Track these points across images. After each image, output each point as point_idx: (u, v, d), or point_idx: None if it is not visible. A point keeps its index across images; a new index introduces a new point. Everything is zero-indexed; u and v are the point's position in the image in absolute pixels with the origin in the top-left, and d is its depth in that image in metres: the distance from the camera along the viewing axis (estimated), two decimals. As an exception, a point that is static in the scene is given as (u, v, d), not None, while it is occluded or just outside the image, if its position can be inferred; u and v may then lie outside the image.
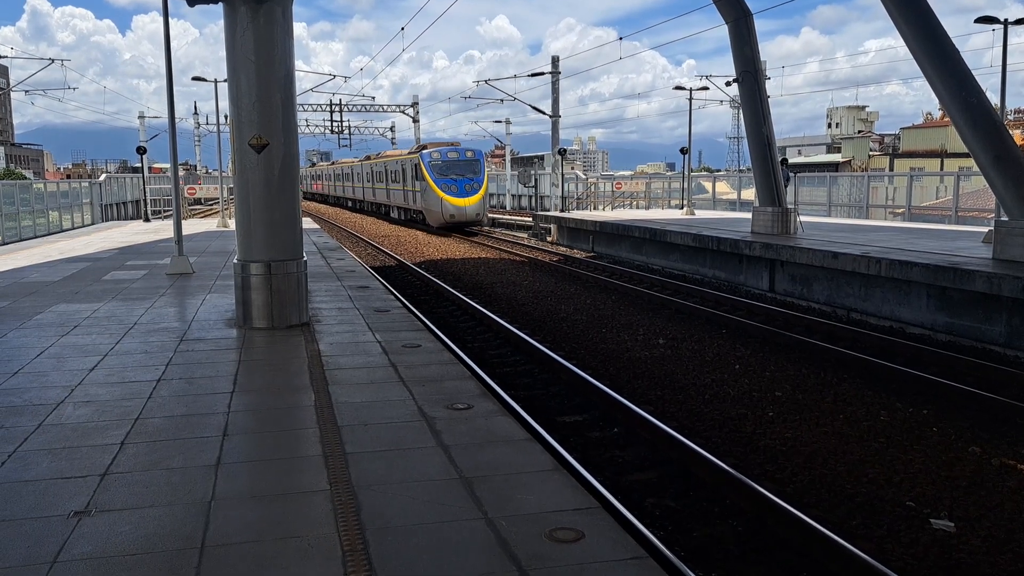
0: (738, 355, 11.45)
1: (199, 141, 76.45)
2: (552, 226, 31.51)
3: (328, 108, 65.95)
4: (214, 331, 9.87)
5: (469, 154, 36.84)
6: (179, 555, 4.07)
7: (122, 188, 46.26)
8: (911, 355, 11.34)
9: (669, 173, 70.95)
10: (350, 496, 4.75)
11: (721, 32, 20.91)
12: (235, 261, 10.11)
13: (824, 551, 5.67)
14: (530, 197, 51.63)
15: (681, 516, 6.48)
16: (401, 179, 40.77)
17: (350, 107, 65.71)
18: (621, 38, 30.49)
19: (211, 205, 54.66)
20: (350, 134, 72.03)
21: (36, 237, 28.18)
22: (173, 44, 15.67)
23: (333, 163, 73.36)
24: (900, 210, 27.36)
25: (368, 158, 53.27)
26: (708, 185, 41.26)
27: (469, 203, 35.21)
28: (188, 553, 4.08)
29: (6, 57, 36.86)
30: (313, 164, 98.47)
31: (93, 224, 35.63)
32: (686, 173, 34.87)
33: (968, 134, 13.75)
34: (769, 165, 20.23)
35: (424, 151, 36.74)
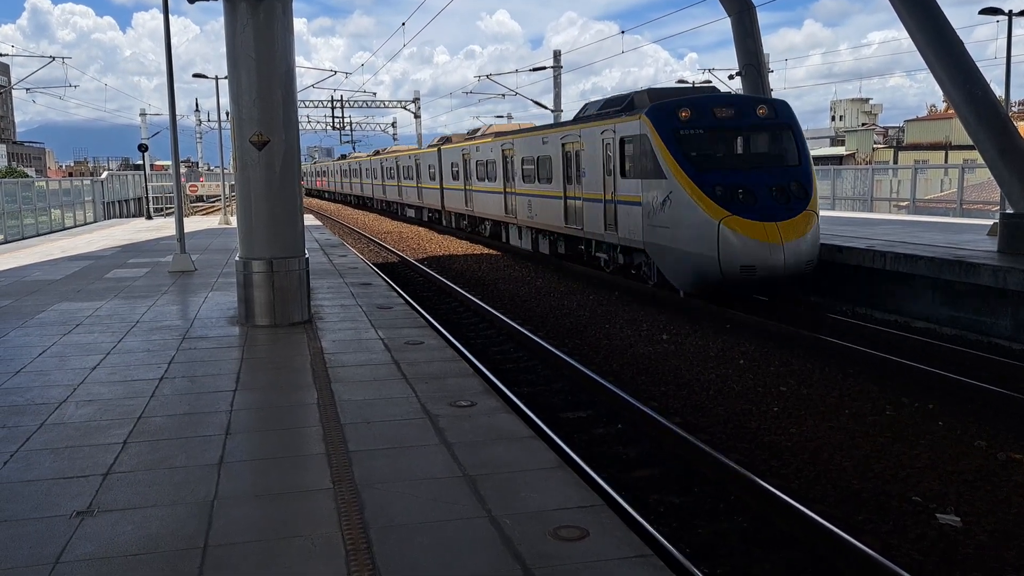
0: (742, 350, 11.40)
1: (200, 138, 76.49)
2: None
3: (329, 104, 65.99)
4: (216, 329, 9.85)
5: (762, 111, 15.01)
6: (182, 555, 4.05)
7: (124, 186, 46.30)
8: (916, 349, 11.29)
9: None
10: (353, 495, 4.73)
11: (724, 25, 20.84)
12: (237, 258, 10.09)
13: (830, 547, 5.64)
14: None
15: (686, 513, 6.45)
16: (564, 176, 19.20)
17: (351, 103, 65.78)
18: (623, 32, 30.33)
19: (213, 202, 54.68)
20: (351, 130, 72.08)
21: (38, 235, 28.20)
22: (174, 41, 15.66)
23: (377, 152, 50.76)
24: (904, 203, 27.27)
25: (448, 140, 32.92)
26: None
27: (790, 234, 13.49)
28: (191, 553, 4.07)
29: (7, 55, 36.87)
30: (343, 156, 71.72)
31: (95, 222, 35.65)
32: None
33: (973, 126, 13.68)
34: (773, 159, 20.02)
35: (656, 107, 15.01)
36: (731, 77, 27.67)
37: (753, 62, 20.12)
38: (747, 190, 13.76)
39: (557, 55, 39.17)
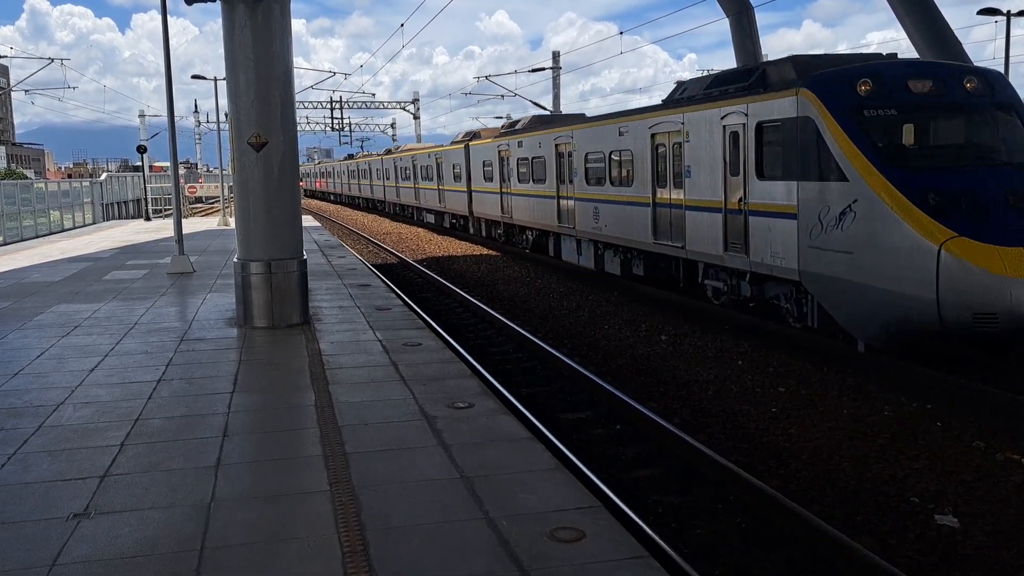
0: (740, 351, 11.40)
1: (199, 139, 76.57)
2: None
3: (328, 105, 66.05)
4: (214, 330, 9.85)
5: (971, 84, 10.51)
6: (178, 557, 4.05)
7: (123, 187, 46.29)
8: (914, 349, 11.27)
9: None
10: (350, 496, 4.73)
11: (722, 26, 20.87)
12: (235, 260, 10.10)
13: (829, 548, 5.64)
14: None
15: (684, 513, 6.45)
16: (653, 176, 14.92)
17: (350, 104, 65.81)
18: (622, 32, 30.27)
19: (212, 203, 54.69)
20: (350, 131, 72.19)
21: (37, 237, 28.20)
22: (173, 42, 15.67)
23: (389, 151, 46.52)
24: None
25: (477, 136, 28.90)
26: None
27: None
28: (187, 555, 4.07)
29: (6, 57, 36.91)
30: (350, 156, 65.14)
31: (94, 223, 35.66)
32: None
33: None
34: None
35: (824, 78, 10.64)
36: (730, 78, 27.69)
37: (751, 63, 20.13)
38: (973, 199, 9.36)
39: (556, 56, 39.23)
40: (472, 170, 27.38)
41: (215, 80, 32.27)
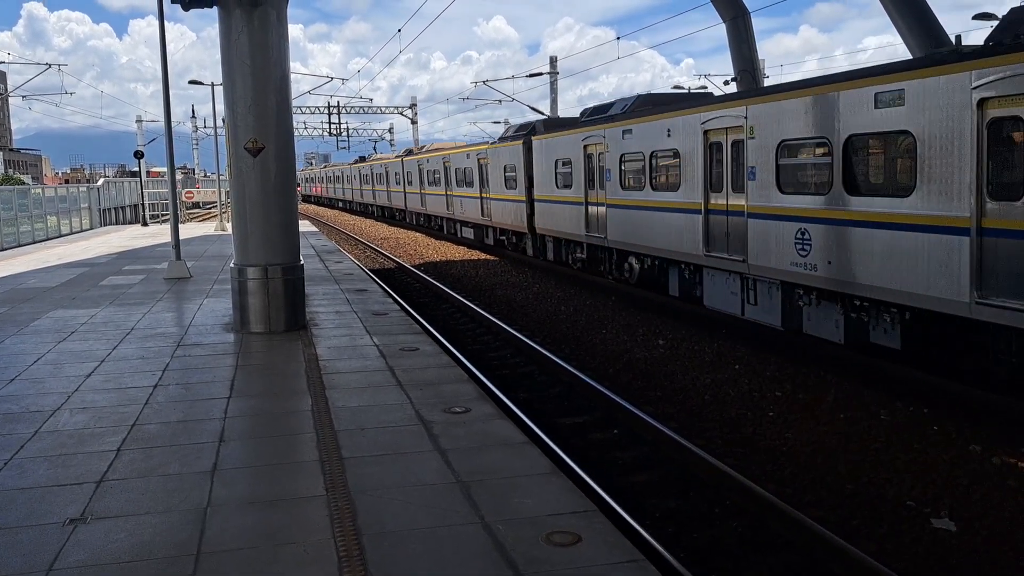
0: (737, 355, 11.41)
1: (197, 144, 76.58)
2: None
3: (326, 110, 66.07)
4: (211, 336, 9.85)
5: None
6: (174, 562, 4.05)
7: (120, 192, 46.26)
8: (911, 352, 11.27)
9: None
10: (347, 501, 4.73)
11: (719, 31, 20.90)
12: (232, 265, 10.10)
13: (825, 552, 5.65)
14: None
15: (682, 517, 6.46)
16: None
17: (348, 109, 65.80)
18: (619, 37, 30.41)
19: (209, 209, 54.69)
20: (348, 136, 72.21)
21: (35, 242, 28.19)
22: (170, 48, 15.68)
23: (410, 152, 40.96)
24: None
25: (532, 131, 21.94)
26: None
27: None
28: (183, 560, 4.07)
29: (3, 63, 36.86)
30: (362, 159, 56.14)
31: (92, 229, 35.64)
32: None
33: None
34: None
35: None
36: (727, 83, 27.80)
37: (748, 67, 20.15)
38: None
39: (553, 61, 39.27)
40: (535, 173, 21.28)
41: (212, 85, 32.25)
